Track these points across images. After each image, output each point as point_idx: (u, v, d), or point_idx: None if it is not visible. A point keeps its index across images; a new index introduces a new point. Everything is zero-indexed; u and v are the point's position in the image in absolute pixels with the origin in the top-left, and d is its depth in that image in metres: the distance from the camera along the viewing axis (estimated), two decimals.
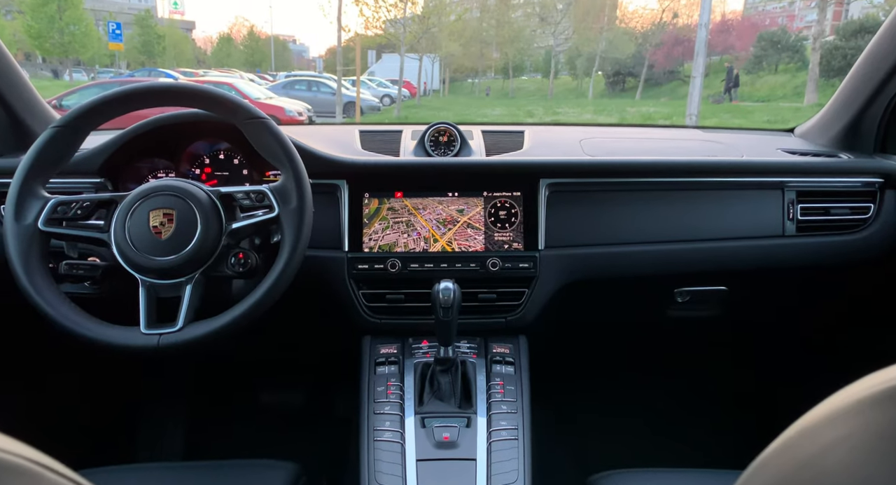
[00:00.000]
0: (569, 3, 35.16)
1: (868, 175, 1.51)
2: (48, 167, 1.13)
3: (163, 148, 1.46)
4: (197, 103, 1.18)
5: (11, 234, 1.08)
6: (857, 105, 1.56)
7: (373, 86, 24.17)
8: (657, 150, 1.67)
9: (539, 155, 1.56)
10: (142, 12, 41.75)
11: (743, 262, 1.51)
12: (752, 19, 33.94)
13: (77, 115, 1.14)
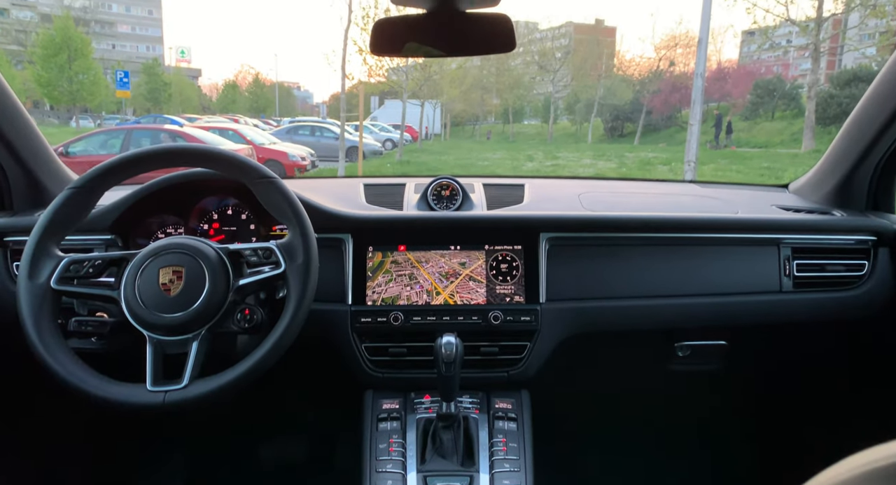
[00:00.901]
0: (567, 52, 36.08)
1: (861, 233, 1.54)
2: (63, 227, 1.17)
3: (173, 204, 1.49)
4: (210, 164, 1.22)
5: (24, 292, 1.10)
6: (848, 164, 1.60)
7: (375, 130, 24.55)
8: (654, 205, 1.70)
9: (539, 209, 1.58)
10: (150, 61, 42.85)
11: (742, 317, 1.52)
12: (748, 68, 34.73)
13: (93, 177, 1.18)
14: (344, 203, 1.54)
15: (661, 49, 30.44)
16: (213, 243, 1.16)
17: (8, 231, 1.45)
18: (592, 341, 1.51)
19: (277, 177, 1.20)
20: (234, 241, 1.52)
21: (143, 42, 64.57)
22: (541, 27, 48.41)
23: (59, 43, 27.53)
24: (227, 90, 49.05)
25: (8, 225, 1.46)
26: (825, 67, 22.50)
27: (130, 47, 62.82)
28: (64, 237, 1.18)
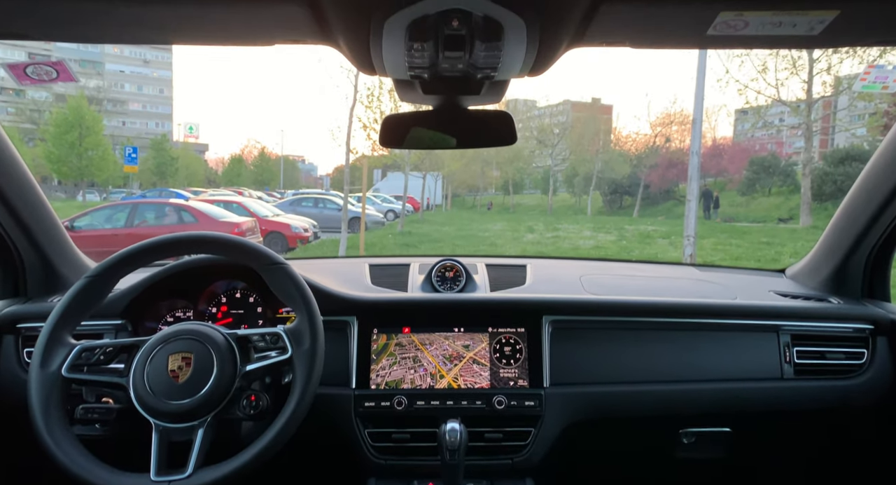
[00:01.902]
0: (565, 128, 37.21)
1: (858, 321, 1.56)
2: (78, 315, 1.19)
3: (182, 288, 1.51)
4: (222, 251, 1.26)
5: (35, 380, 1.11)
6: (842, 252, 1.64)
7: (377, 201, 24.93)
8: (654, 288, 1.73)
9: (541, 291, 1.61)
10: (158, 137, 44.14)
11: (745, 404, 1.53)
12: (743, 145, 35.68)
13: (109, 267, 1.21)
14: (349, 285, 1.57)
15: (656, 126, 31.35)
16: (221, 329, 1.17)
17: (22, 318, 1.47)
18: (597, 428, 1.51)
19: (286, 262, 1.22)
20: (242, 324, 1.54)
21: (153, 119, 66.71)
22: (539, 105, 50.15)
23: (71, 121, 28.29)
24: (233, 164, 50.28)
25: (22, 312, 1.49)
26: (818, 146, 23.18)
27: (140, 124, 64.88)
28: (78, 325, 1.19)
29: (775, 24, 0.94)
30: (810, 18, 0.92)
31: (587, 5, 0.87)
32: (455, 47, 0.90)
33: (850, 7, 0.90)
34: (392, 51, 0.94)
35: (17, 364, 1.46)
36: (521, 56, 0.96)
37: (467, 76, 1.03)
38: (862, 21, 0.97)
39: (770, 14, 0.91)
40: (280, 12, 0.91)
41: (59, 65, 1.28)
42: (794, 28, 0.95)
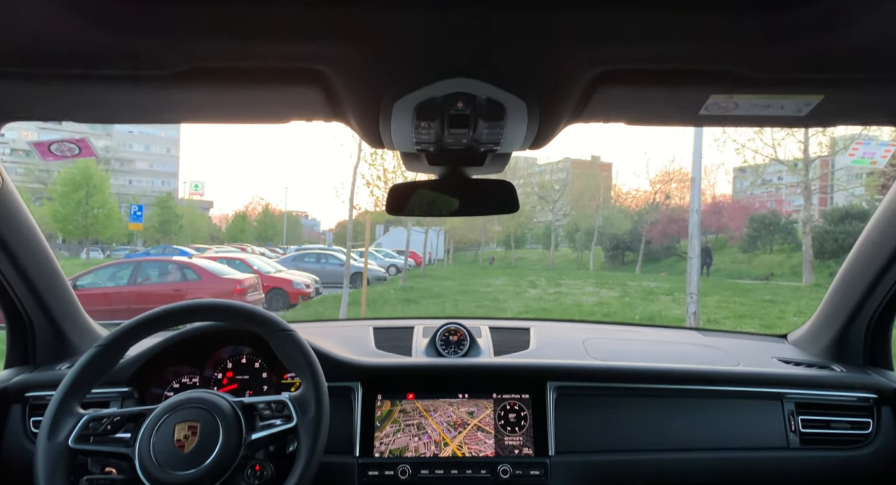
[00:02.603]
0: (565, 184, 37.69)
1: (861, 390, 1.56)
2: (87, 385, 1.19)
3: (189, 354, 1.52)
4: (231, 318, 1.27)
5: (42, 451, 1.11)
6: (842, 319, 1.64)
7: (379, 256, 25.00)
8: (658, 353, 1.73)
9: (545, 355, 1.62)
10: (164, 195, 44.65)
11: (751, 474, 1.50)
12: (742, 202, 35.99)
13: (119, 336, 1.22)
14: (354, 349, 1.58)
15: (655, 183, 31.74)
16: (228, 396, 1.18)
17: (30, 387, 1.47)
18: None
19: (293, 329, 1.23)
20: (247, 389, 1.55)
21: (160, 177, 67.70)
22: (539, 162, 50.97)
23: (79, 181, 28.60)
24: (237, 221, 50.66)
25: (31, 381, 1.48)
26: (818, 204, 23.42)
27: (147, 182, 65.75)
28: (87, 394, 1.20)
29: (764, 106, 0.98)
30: (797, 101, 0.97)
31: (584, 88, 0.91)
32: (460, 125, 0.95)
33: (833, 92, 0.95)
34: (400, 128, 0.98)
35: (22, 434, 1.45)
36: (523, 133, 1.00)
37: (471, 149, 1.07)
38: (845, 105, 1.01)
39: (758, 97, 0.96)
40: (295, 94, 0.95)
41: (81, 142, 1.33)
42: (782, 110, 0.99)
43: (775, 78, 0.91)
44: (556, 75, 0.88)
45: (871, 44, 0.86)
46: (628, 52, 0.86)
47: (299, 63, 0.87)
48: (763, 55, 0.87)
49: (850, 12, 0.79)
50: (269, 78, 0.91)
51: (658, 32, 0.83)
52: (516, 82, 0.87)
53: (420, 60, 0.85)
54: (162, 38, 0.83)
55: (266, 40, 0.83)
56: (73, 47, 0.86)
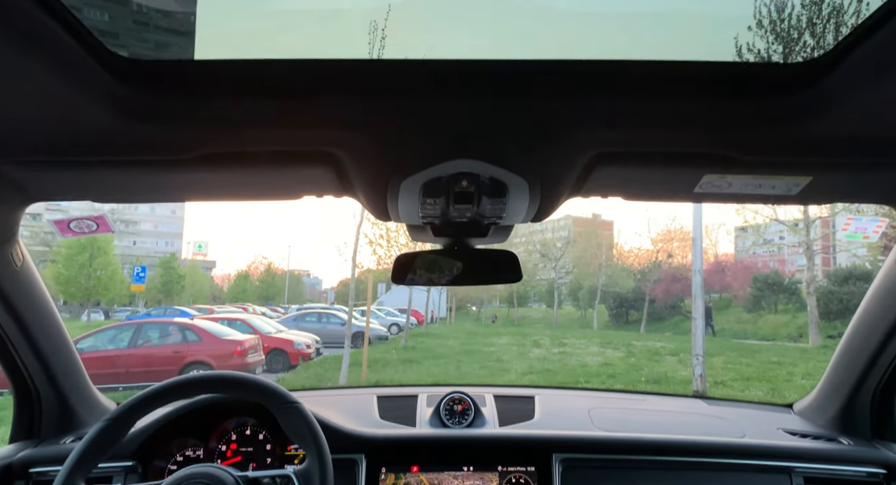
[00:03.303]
0: (567, 242, 37.79)
1: (870, 465, 1.53)
2: (93, 460, 1.18)
3: (194, 426, 1.52)
4: (238, 391, 1.27)
5: None
6: (846, 390, 1.64)
7: (381, 315, 24.83)
8: (663, 424, 1.72)
9: (550, 425, 1.62)
10: (167, 256, 44.81)
11: None
12: (745, 261, 35.93)
13: (127, 410, 1.22)
14: (357, 419, 1.57)
15: (657, 242, 31.83)
16: (232, 471, 1.17)
17: (34, 462, 1.46)
18: None
19: (299, 402, 1.24)
20: (251, 462, 1.54)
21: (164, 238, 68.07)
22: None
23: (83, 243, 28.62)
24: (239, 280, 50.59)
25: (35, 456, 1.47)
26: (821, 264, 23.40)
27: (151, 243, 65.98)
28: (93, 469, 1.18)
29: (756, 185, 1.02)
30: (787, 182, 1.01)
31: (582, 168, 0.95)
32: (464, 202, 0.99)
33: (822, 174, 0.99)
34: (407, 204, 1.02)
35: None
36: (525, 208, 1.04)
37: (475, 222, 1.11)
38: (833, 185, 1.06)
39: (750, 178, 1.00)
40: (307, 174, 1.00)
41: (99, 219, 1.37)
42: (774, 189, 1.03)
43: (765, 161, 0.96)
44: (555, 157, 0.93)
45: (856, 130, 0.90)
46: (623, 137, 0.91)
47: (311, 147, 0.92)
48: (752, 140, 0.92)
49: (836, 101, 0.83)
50: (283, 160, 0.96)
51: (651, 119, 0.88)
52: (517, 163, 0.92)
53: (426, 143, 0.90)
54: (181, 127, 0.88)
55: (280, 127, 0.88)
56: (96, 136, 0.91)
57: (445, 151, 0.91)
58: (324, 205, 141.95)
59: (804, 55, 1.01)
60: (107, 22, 1.02)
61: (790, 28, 1.12)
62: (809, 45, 1.06)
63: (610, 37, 1.01)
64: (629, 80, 0.85)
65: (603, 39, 0.99)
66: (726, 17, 1.10)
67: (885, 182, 1.06)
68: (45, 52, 0.74)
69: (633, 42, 1.00)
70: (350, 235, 12.94)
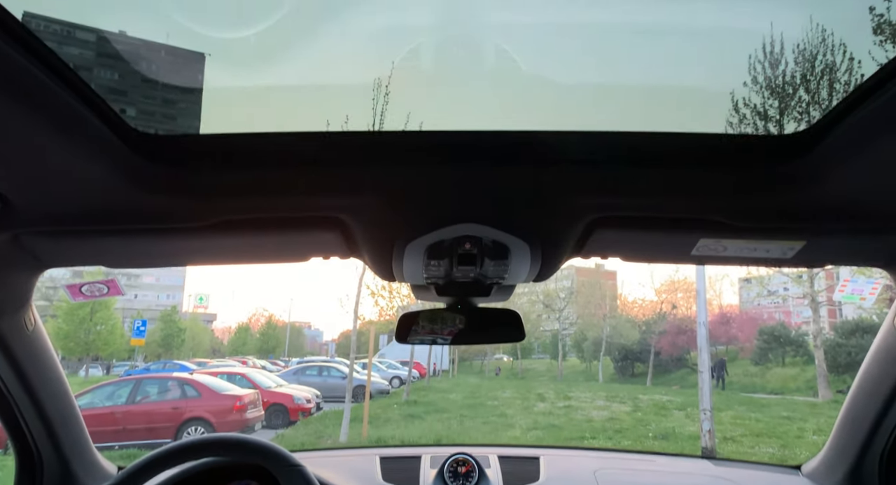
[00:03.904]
0: (570, 292, 37.65)
1: None
2: None
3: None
4: (240, 453, 1.28)
5: None
6: (853, 453, 1.60)
7: (383, 367, 24.53)
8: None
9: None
10: (168, 309, 44.53)
11: None
12: (750, 313, 35.65)
13: (128, 477, 1.21)
14: (360, 481, 1.57)
15: (661, 292, 31.70)
16: None
17: None
18: None
19: (302, 465, 1.24)
20: None
21: (165, 291, 67.88)
22: None
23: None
24: (240, 333, 50.19)
25: None
26: (826, 316, 23.19)
27: (152, 296, 65.67)
28: None
29: (751, 249, 1.05)
30: (781, 246, 1.03)
31: (581, 231, 0.98)
32: (467, 263, 1.02)
33: (814, 239, 1.01)
34: (411, 266, 1.05)
35: None
36: (526, 269, 1.06)
37: (478, 282, 1.13)
38: (827, 250, 1.08)
39: (745, 242, 1.02)
40: (314, 238, 1.04)
41: (110, 282, 1.39)
42: (768, 252, 1.06)
43: (758, 226, 0.99)
44: (555, 221, 0.96)
45: (845, 198, 0.93)
46: (620, 202, 0.94)
47: (319, 212, 0.96)
48: (745, 207, 0.95)
49: (823, 171, 0.86)
50: (291, 226, 1.00)
51: (646, 186, 0.91)
52: (518, 227, 0.96)
53: (430, 208, 0.94)
54: (194, 197, 0.92)
55: (288, 195, 0.92)
56: (112, 206, 0.94)
57: (449, 216, 0.94)
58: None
59: (792, 127, 1.05)
60: (125, 98, 1.07)
61: (778, 101, 1.16)
62: (796, 118, 1.11)
63: (606, 109, 1.05)
64: (625, 150, 0.89)
65: (599, 111, 1.03)
66: (717, 90, 1.14)
67: (879, 247, 1.08)
68: (67, 127, 0.78)
69: (629, 114, 1.04)
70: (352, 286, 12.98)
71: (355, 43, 1.14)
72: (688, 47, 1.14)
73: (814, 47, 1.17)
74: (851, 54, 1.15)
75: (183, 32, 1.09)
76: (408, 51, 1.08)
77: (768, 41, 1.13)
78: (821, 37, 1.18)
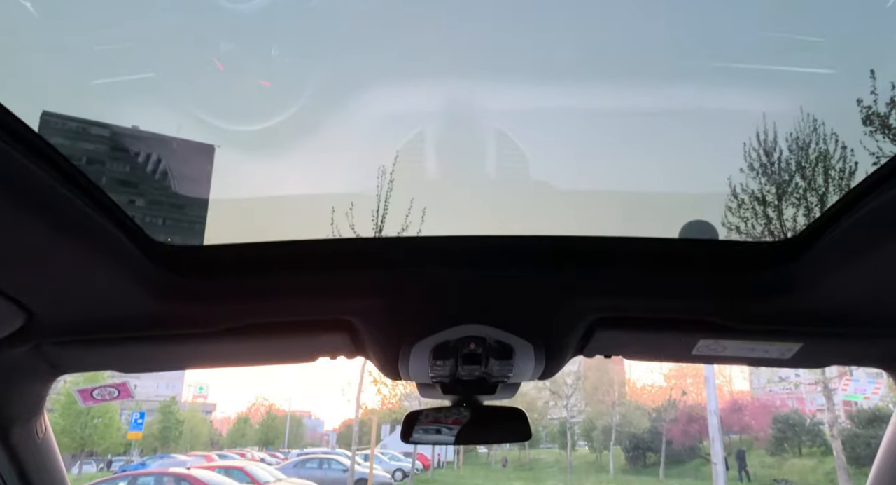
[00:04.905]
0: (578, 378, 36.67)
1: None
2: None
3: None
4: None
5: None
6: None
7: (385, 459, 23.55)
8: None
9: None
10: (167, 399, 43.19)
11: None
12: (762, 400, 34.42)
13: None
14: None
15: (670, 378, 30.84)
16: None
17: None
18: None
19: None
20: None
21: (165, 380, 66.11)
22: None
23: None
24: (239, 424, 48.34)
25: None
26: (842, 403, 22.40)
27: (151, 386, 63.98)
28: None
29: (750, 349, 1.08)
30: (779, 347, 1.06)
31: (583, 331, 1.02)
32: (472, 363, 1.05)
33: (811, 342, 1.05)
34: (417, 365, 1.08)
35: None
36: (531, 368, 1.09)
37: (483, 380, 1.16)
38: (824, 352, 1.11)
39: (743, 343, 1.06)
40: (323, 340, 1.08)
41: (121, 386, 1.42)
42: (767, 353, 1.09)
43: (755, 328, 1.03)
44: (558, 321, 1.01)
45: (837, 303, 0.98)
46: (620, 304, 1.00)
47: (328, 315, 1.01)
48: (740, 310, 1.00)
49: (813, 277, 0.92)
50: (300, 329, 1.05)
51: (645, 289, 0.97)
52: (522, 327, 1.00)
53: (436, 311, 0.99)
54: (209, 304, 0.98)
55: (299, 300, 0.98)
56: (130, 315, 1.00)
57: (453, 317, 0.99)
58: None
59: (782, 234, 1.13)
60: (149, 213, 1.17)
61: (770, 210, 1.26)
62: (787, 227, 1.19)
63: (605, 215, 1.14)
64: (624, 254, 0.95)
65: (598, 217, 1.12)
66: (710, 199, 1.24)
67: (876, 350, 1.11)
68: (91, 240, 0.84)
69: (626, 219, 1.13)
70: (354, 374, 12.68)
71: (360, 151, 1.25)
72: (684, 155, 1.24)
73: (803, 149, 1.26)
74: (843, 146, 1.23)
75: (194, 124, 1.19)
76: (410, 160, 1.18)
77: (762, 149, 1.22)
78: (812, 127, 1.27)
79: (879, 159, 5.57)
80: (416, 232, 1.01)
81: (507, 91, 1.24)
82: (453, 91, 1.43)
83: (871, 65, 3.28)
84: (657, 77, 1.17)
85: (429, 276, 0.96)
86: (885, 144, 5.45)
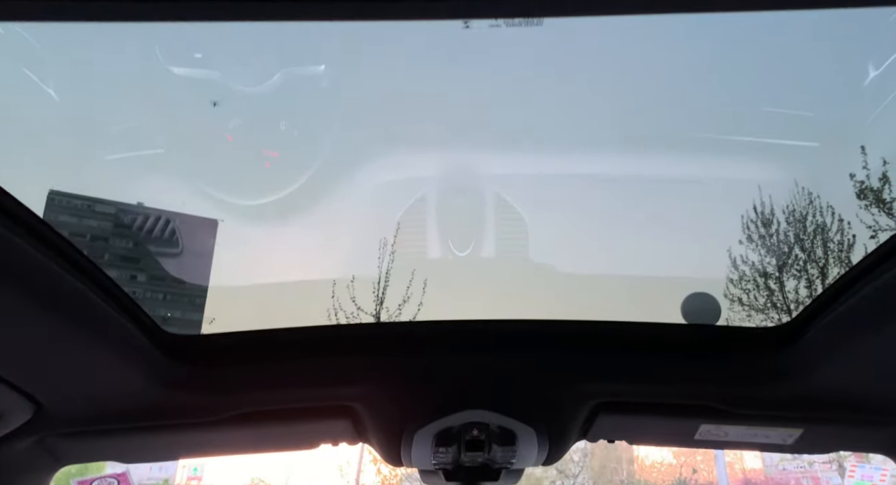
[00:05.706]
0: (585, 456, 35.42)
1: None
2: None
3: None
4: None
5: None
6: None
7: None
8: None
9: None
10: (160, 482, 41.83)
11: None
12: (775, 478, 33.16)
13: None
14: None
15: (680, 455, 29.76)
16: None
17: None
18: None
19: None
20: None
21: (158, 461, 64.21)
22: None
23: (73, 473, 26.72)
24: None
25: None
26: None
27: (144, 468, 62.04)
28: None
29: (751, 434, 1.06)
30: (780, 432, 1.04)
31: (586, 416, 1.00)
32: (475, 449, 1.04)
33: (812, 428, 1.03)
34: (420, 452, 1.05)
35: None
36: (535, 453, 1.06)
37: (486, 466, 1.14)
38: (825, 437, 1.09)
39: (745, 428, 1.04)
40: (325, 426, 1.06)
41: (121, 476, 1.38)
42: (769, 438, 1.07)
43: (755, 414, 1.02)
44: (560, 406, 1.00)
45: (835, 390, 0.97)
46: (622, 389, 0.99)
47: (330, 402, 1.00)
48: (740, 396, 0.99)
49: (809, 363, 0.91)
50: (303, 415, 1.03)
51: (646, 373, 0.96)
52: (524, 413, 0.99)
53: (438, 396, 0.98)
54: (214, 393, 0.97)
55: (302, 386, 0.97)
56: (136, 405, 0.99)
57: (455, 403, 0.98)
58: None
59: (784, 306, 1.13)
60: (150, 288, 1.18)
61: (769, 282, 1.27)
62: (789, 299, 1.20)
63: (606, 299, 1.15)
64: (624, 339, 0.95)
65: (599, 302, 1.12)
66: (711, 272, 1.25)
67: (878, 436, 1.09)
68: (108, 334, 0.85)
69: (627, 304, 1.14)
70: (353, 454, 12.26)
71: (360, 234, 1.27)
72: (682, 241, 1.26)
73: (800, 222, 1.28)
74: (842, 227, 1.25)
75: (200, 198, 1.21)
76: (408, 244, 1.20)
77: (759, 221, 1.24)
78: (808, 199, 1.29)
79: (876, 233, 5.65)
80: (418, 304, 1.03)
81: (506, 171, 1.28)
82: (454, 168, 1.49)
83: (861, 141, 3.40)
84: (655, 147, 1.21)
85: (431, 361, 0.98)
86: (882, 218, 5.54)
